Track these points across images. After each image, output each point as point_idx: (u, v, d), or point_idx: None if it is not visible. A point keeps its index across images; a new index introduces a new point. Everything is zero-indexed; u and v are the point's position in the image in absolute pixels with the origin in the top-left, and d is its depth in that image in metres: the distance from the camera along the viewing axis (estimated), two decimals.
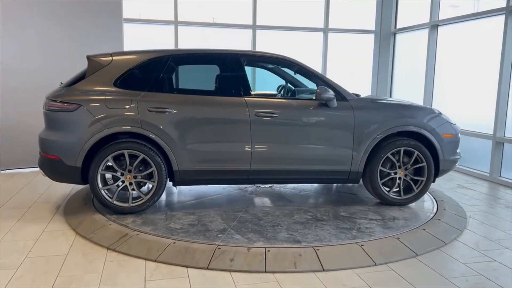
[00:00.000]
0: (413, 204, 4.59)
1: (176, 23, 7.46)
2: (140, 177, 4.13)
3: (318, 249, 3.36)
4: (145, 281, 2.97)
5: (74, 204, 4.51)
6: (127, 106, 4.04)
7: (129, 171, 4.10)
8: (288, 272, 3.12)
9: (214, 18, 7.84)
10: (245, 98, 4.22)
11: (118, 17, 6.40)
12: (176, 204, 4.65)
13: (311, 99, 4.36)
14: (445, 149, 4.45)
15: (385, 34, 8.38)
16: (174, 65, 4.40)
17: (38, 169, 4.26)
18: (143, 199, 4.15)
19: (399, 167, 4.43)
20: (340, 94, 4.35)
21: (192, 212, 4.26)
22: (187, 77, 4.69)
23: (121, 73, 4.17)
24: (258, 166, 4.26)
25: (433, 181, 4.53)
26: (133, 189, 4.14)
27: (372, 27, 8.42)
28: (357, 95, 4.60)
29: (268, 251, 3.33)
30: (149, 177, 4.17)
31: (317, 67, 8.20)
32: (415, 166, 4.44)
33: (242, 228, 3.82)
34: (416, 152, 4.38)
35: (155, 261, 3.26)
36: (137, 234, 3.63)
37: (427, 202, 4.69)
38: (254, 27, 7.80)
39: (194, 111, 4.15)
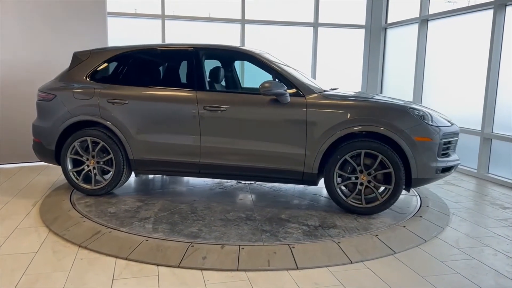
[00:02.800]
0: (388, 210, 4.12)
1: (163, 17, 7.36)
2: (102, 163, 4.46)
3: (293, 247, 3.30)
4: (112, 279, 2.90)
5: (51, 201, 4.43)
6: (90, 97, 4.40)
7: (93, 157, 4.46)
8: (260, 270, 3.05)
9: (210, 13, 7.74)
10: (196, 92, 4.23)
11: (102, 10, 6.31)
12: (142, 191, 4.88)
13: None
14: (418, 154, 3.84)
15: (376, 29, 8.29)
16: (135, 59, 4.61)
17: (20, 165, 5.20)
18: (103, 183, 4.47)
19: (361, 171, 3.96)
20: (297, 89, 4.08)
21: (144, 199, 4.45)
22: (147, 71, 4.72)
23: (93, 67, 4.58)
24: (207, 160, 4.24)
25: (407, 190, 4.11)
26: (95, 174, 4.48)
27: (363, 22, 8.32)
28: (328, 90, 4.47)
29: (242, 248, 3.26)
30: (111, 163, 4.46)
31: (307, 62, 8.13)
32: (381, 172, 3.93)
33: (163, 219, 3.86)
34: (381, 156, 3.87)
35: (126, 259, 3.19)
36: (110, 232, 3.55)
37: (410, 199, 4.62)
38: (242, 21, 7.70)
39: (146, 103, 4.33)
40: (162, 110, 4.28)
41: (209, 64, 4.75)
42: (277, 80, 4.21)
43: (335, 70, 8.39)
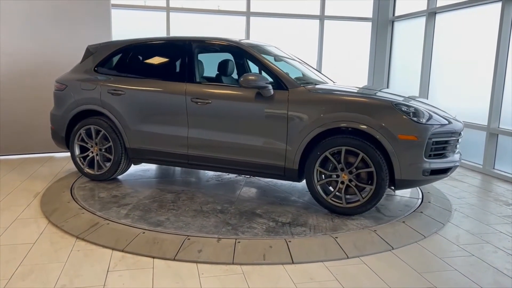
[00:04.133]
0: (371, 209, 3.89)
1: (168, 9, 7.33)
2: (103, 150, 4.71)
3: (289, 241, 3.27)
4: (107, 271, 2.90)
5: (52, 192, 4.46)
6: (93, 88, 4.67)
7: (96, 144, 4.72)
8: (256, 264, 3.04)
9: (219, 6, 7.69)
10: (186, 84, 4.30)
11: (105, 3, 6.28)
12: (149, 177, 5.13)
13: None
14: (402, 153, 3.58)
15: (383, 22, 8.18)
16: (132, 52, 4.81)
17: (24, 156, 5.73)
18: (104, 169, 4.71)
19: (342, 169, 3.77)
20: (281, 82, 3.98)
21: (138, 186, 4.68)
22: (142, 63, 4.86)
23: (99, 60, 4.85)
24: (194, 152, 4.30)
25: (393, 191, 3.87)
26: (97, 160, 4.76)
27: (370, 15, 8.21)
28: (334, 83, 4.41)
29: (238, 242, 3.25)
30: (112, 151, 4.69)
31: (313, 56, 8.06)
32: (362, 171, 3.71)
33: (141, 206, 4.02)
34: (362, 154, 3.65)
35: (122, 251, 3.20)
36: (108, 224, 3.56)
37: (411, 194, 4.57)
38: (248, 13, 7.65)
39: (140, 94, 4.49)
40: (154, 101, 4.42)
41: (205, 57, 4.76)
42: (262, 72, 4.19)
43: (341, 64, 8.30)
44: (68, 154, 5.57)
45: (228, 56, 4.83)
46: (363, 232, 3.51)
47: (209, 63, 4.87)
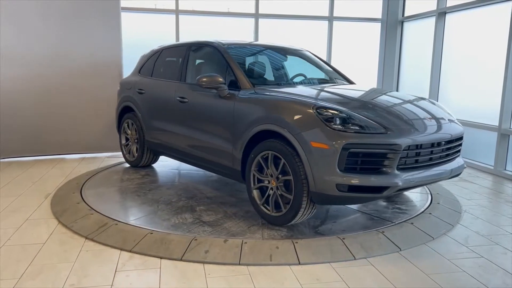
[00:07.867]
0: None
1: (177, 12, 7.38)
2: (135, 141, 5.46)
3: (296, 242, 3.27)
4: (115, 271, 2.93)
5: (63, 193, 4.51)
6: (130, 88, 5.47)
7: (132, 135, 5.53)
8: (262, 265, 3.05)
9: (229, 8, 7.73)
10: (178, 84, 4.75)
11: (115, 5, 6.33)
12: (173, 168, 5.72)
13: None
14: (314, 162, 3.18)
15: (392, 23, 8.14)
16: (153, 58, 5.43)
17: (36, 158, 6.25)
18: (135, 157, 5.53)
19: (271, 175, 3.55)
20: (237, 83, 4.02)
21: (151, 174, 5.34)
22: (157, 66, 5.38)
23: (142, 64, 5.60)
24: (179, 146, 4.69)
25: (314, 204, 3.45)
26: (132, 149, 5.59)
27: (379, 15, 8.18)
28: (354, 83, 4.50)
29: (245, 243, 3.26)
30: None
31: (321, 57, 8.02)
32: (283, 178, 3.44)
33: (121, 189, 4.61)
34: (283, 160, 3.39)
35: (130, 251, 3.22)
36: (116, 224, 3.60)
37: (420, 195, 4.53)
38: (256, 15, 7.67)
39: (153, 93, 5.10)
40: (161, 98, 4.94)
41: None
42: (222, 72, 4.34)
43: (350, 65, 8.24)
44: (78, 156, 6.54)
45: (212, 56, 4.80)
46: (370, 233, 3.50)
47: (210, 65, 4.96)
